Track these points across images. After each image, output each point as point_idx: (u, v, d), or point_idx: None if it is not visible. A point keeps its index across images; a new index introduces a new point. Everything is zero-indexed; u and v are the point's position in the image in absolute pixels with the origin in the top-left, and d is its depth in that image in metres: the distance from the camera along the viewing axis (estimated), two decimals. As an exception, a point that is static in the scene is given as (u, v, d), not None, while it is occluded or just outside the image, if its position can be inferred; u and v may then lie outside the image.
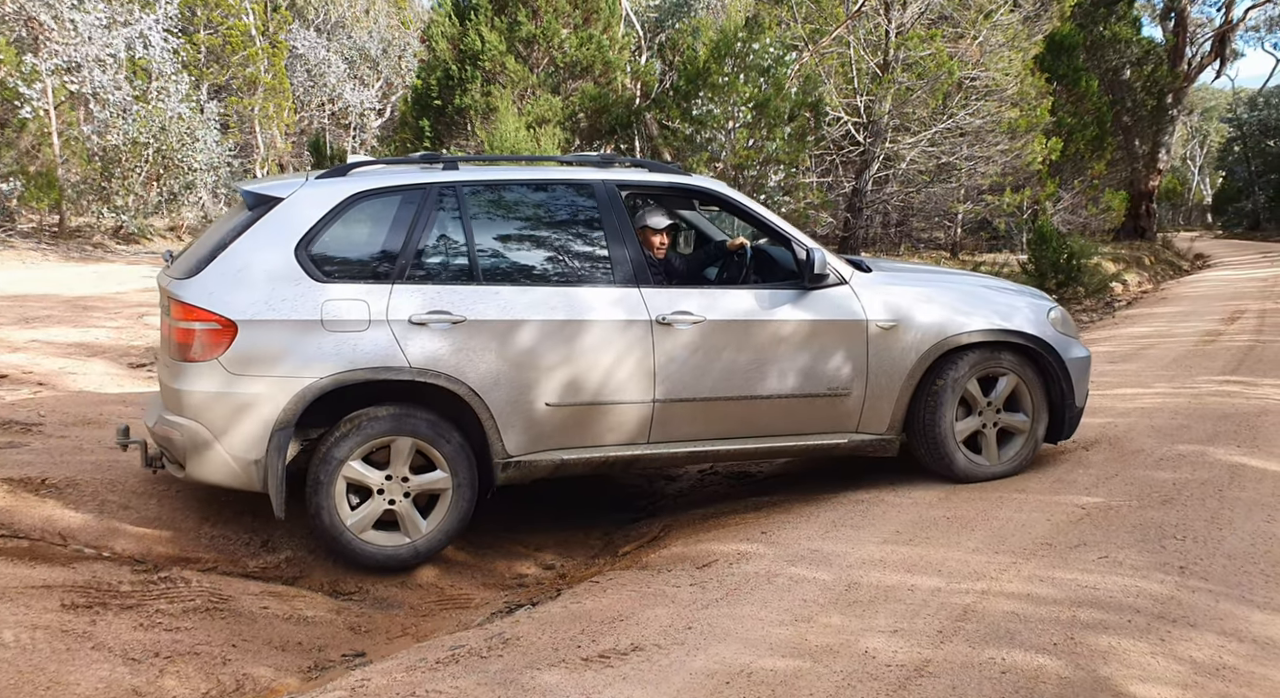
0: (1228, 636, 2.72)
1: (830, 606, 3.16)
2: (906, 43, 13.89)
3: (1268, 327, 9.36)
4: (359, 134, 23.47)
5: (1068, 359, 4.65)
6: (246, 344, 3.68)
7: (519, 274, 4.12)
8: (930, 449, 4.56)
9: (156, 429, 3.85)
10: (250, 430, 3.69)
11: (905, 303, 4.51)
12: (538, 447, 4.09)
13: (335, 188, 3.96)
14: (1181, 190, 47.42)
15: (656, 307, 4.19)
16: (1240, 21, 31.61)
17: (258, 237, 3.81)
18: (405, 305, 3.85)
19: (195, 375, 3.69)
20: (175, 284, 3.78)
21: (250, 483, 3.75)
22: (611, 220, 4.27)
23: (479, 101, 10.79)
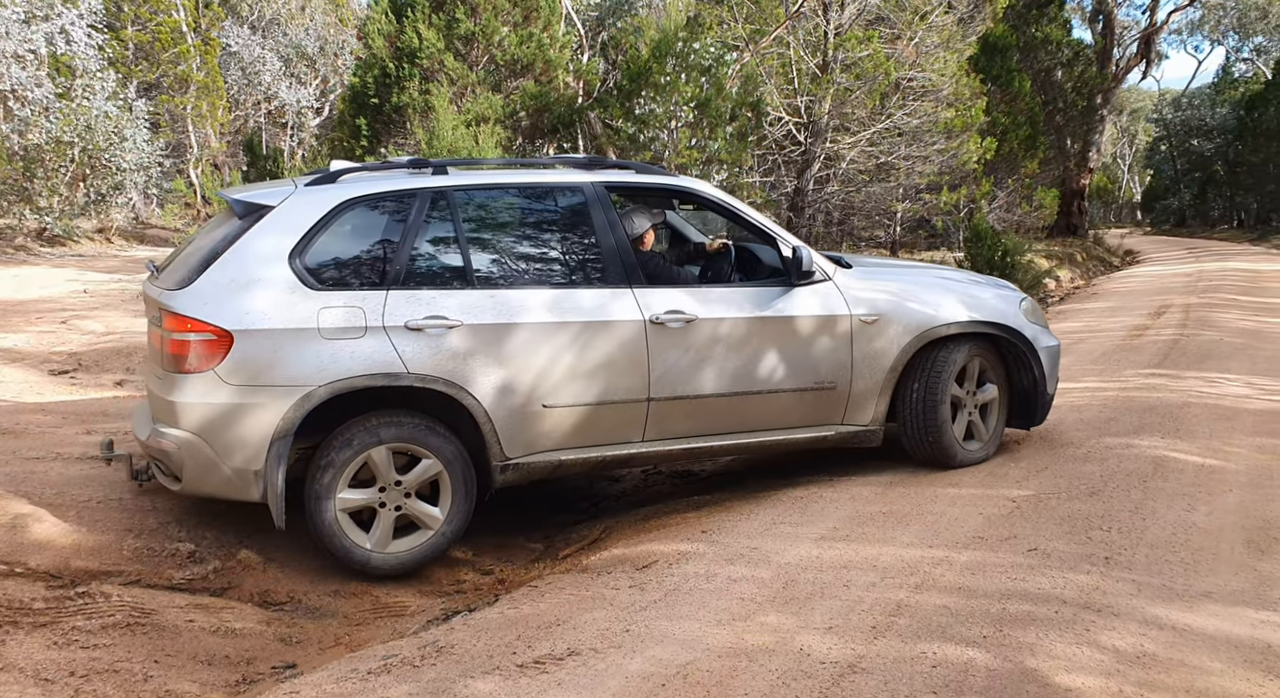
0: (1148, 624, 2.79)
1: (768, 604, 3.17)
2: (844, 44, 14.05)
3: (1191, 321, 9.67)
4: (297, 133, 23.01)
5: (1040, 348, 4.79)
6: (243, 354, 3.64)
7: (513, 277, 4.12)
8: (927, 439, 4.66)
9: (150, 442, 3.76)
10: (249, 441, 3.66)
11: (885, 298, 4.63)
12: (535, 449, 4.11)
13: (326, 195, 3.93)
14: (1112, 188, 48.87)
15: (650, 306, 4.25)
16: (1164, 24, 32.69)
17: (250, 245, 3.77)
18: (401, 311, 3.84)
19: (191, 387, 3.64)
20: (167, 295, 3.72)
21: (248, 494, 3.72)
22: (602, 222, 4.30)
23: (417, 100, 10.64)
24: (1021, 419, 4.94)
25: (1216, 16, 42.22)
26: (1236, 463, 4.38)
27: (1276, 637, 2.69)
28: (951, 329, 4.63)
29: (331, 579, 3.95)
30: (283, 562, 4.00)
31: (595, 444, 4.24)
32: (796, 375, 4.50)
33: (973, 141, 15.32)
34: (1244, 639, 2.68)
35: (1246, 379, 6.40)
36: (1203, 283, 13.84)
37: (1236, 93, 37.77)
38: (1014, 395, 4.92)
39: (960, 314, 4.67)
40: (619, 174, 4.60)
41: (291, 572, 3.95)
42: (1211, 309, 10.60)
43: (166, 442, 3.69)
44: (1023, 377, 4.86)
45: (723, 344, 4.36)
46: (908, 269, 5.33)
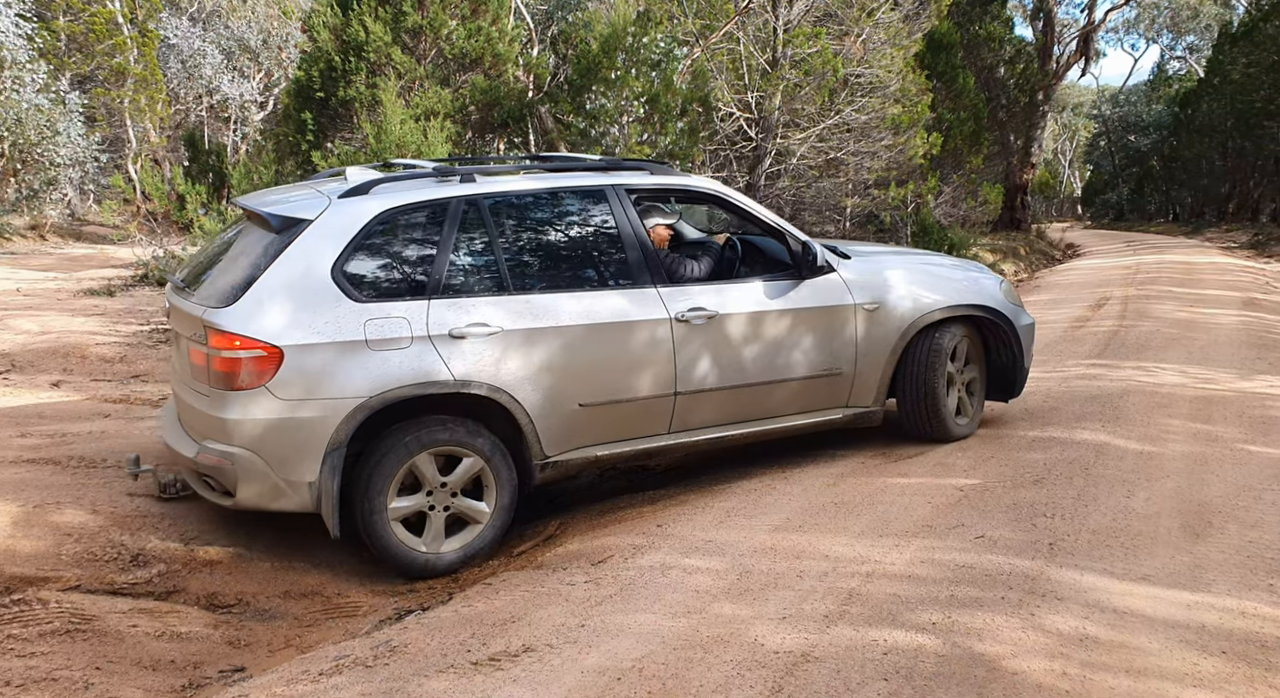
0: (1091, 607, 2.86)
1: (722, 596, 3.19)
2: (793, 40, 14.15)
3: (1130, 313, 9.94)
4: (240, 127, 22.51)
5: (1019, 326, 5.16)
6: (294, 369, 3.68)
7: (546, 281, 4.24)
8: (927, 416, 4.98)
9: (201, 459, 3.78)
10: (303, 455, 3.71)
11: (884, 285, 4.90)
12: (571, 445, 4.26)
13: (363, 206, 3.97)
14: (1054, 183, 50.00)
15: (674, 304, 4.42)
16: (1102, 23, 33.51)
17: (293, 260, 3.79)
18: (443, 319, 3.93)
19: (243, 404, 3.67)
20: (213, 313, 3.71)
21: (304, 505, 3.78)
22: (625, 224, 4.45)
23: (364, 94, 10.46)
24: (1003, 393, 5.31)
25: (1151, 15, 43.41)
26: (1173, 449, 4.52)
27: (1210, 617, 2.78)
28: (945, 313, 4.93)
29: (281, 581, 3.89)
30: (231, 564, 3.92)
31: (626, 438, 4.41)
32: (808, 363, 4.74)
33: (919, 137, 15.55)
34: (1180, 620, 2.77)
35: (1181, 368, 6.59)
36: (1140, 275, 14.23)
37: (1171, 90, 38.87)
38: (994, 371, 5.27)
39: (952, 298, 4.99)
40: (636, 176, 4.69)
41: (240, 574, 3.88)
42: (1148, 301, 10.91)
43: (220, 459, 3.71)
44: (1002, 353, 5.21)
45: (741, 337, 4.57)
46: (898, 256, 5.58)
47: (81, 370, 6.68)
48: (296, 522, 4.41)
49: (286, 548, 4.16)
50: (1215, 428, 4.90)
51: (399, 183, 4.20)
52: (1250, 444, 4.58)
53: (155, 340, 7.64)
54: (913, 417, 5.03)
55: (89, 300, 9.32)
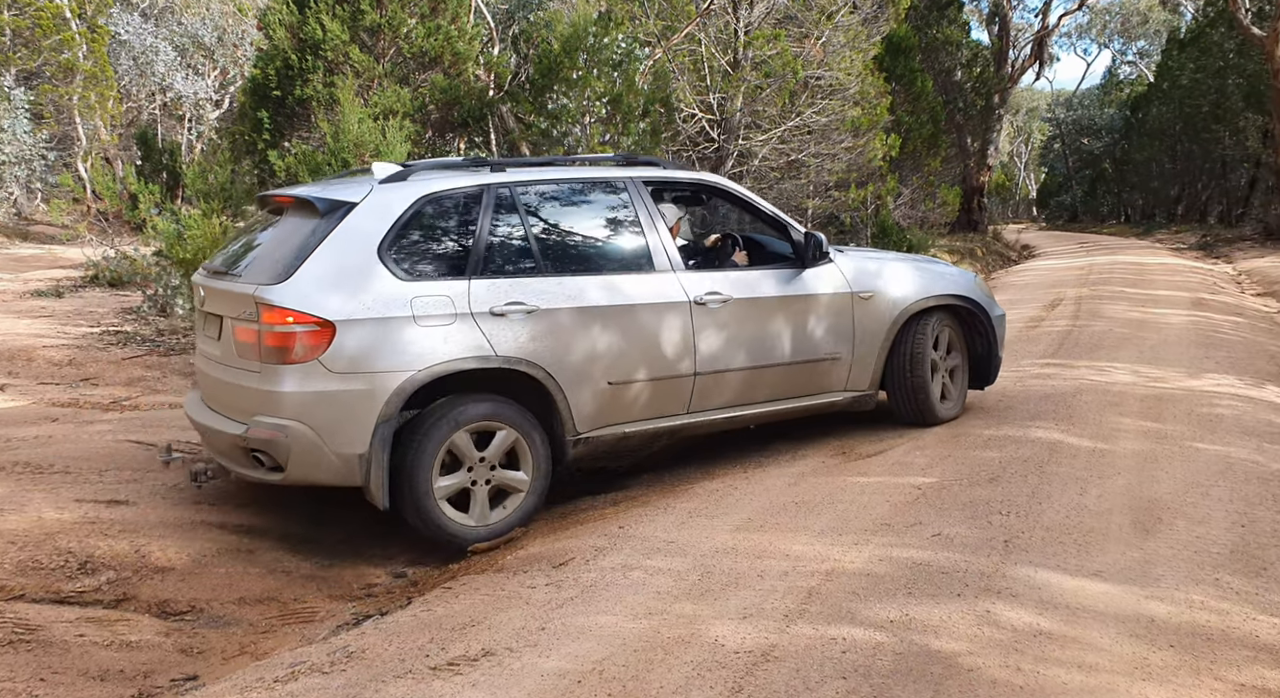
0: (1044, 604, 2.91)
1: (684, 596, 3.20)
2: (754, 42, 14.23)
3: (1083, 313, 10.13)
4: (195, 126, 22.10)
5: (993, 316, 5.53)
6: (345, 343, 3.83)
7: (575, 265, 4.48)
8: (915, 401, 5.27)
9: (253, 434, 3.87)
10: (355, 426, 3.84)
11: (876, 276, 5.22)
12: (601, 423, 4.45)
13: (405, 191, 4.17)
14: (1009, 185, 50.80)
15: (692, 289, 4.67)
16: (1055, 27, 34.12)
17: (341, 240, 3.96)
18: (485, 298, 4.11)
19: (296, 377, 3.80)
20: (264, 290, 3.85)
21: (352, 479, 3.92)
22: (645, 212, 4.71)
23: (321, 93, 10.31)
24: (979, 381, 5.64)
25: (1103, 21, 44.36)
26: (1124, 447, 4.61)
27: (1159, 610, 2.84)
28: (929, 302, 5.26)
29: (236, 586, 3.82)
30: (184, 570, 3.85)
31: (650, 417, 4.62)
32: (811, 347, 5.02)
33: (878, 140, 15.72)
34: (1131, 615, 2.82)
35: (1133, 367, 6.73)
36: (1093, 276, 14.51)
37: (1122, 94, 39.71)
38: (972, 360, 5.58)
39: (935, 288, 5.33)
40: (650, 170, 4.97)
41: (193, 580, 3.81)
42: (1101, 301, 11.12)
43: (273, 431, 3.82)
44: (978, 343, 5.56)
45: (753, 321, 4.84)
46: (882, 253, 6.00)
47: (28, 374, 6.52)
48: (256, 525, 4.34)
49: (242, 554, 4.09)
50: (1165, 426, 5.01)
51: (434, 171, 4.46)
52: (1198, 441, 4.69)
53: (106, 343, 7.48)
54: (902, 402, 5.29)
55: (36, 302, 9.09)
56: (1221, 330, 8.76)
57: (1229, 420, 5.11)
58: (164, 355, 7.43)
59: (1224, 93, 25.74)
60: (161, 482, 4.63)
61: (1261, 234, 20.83)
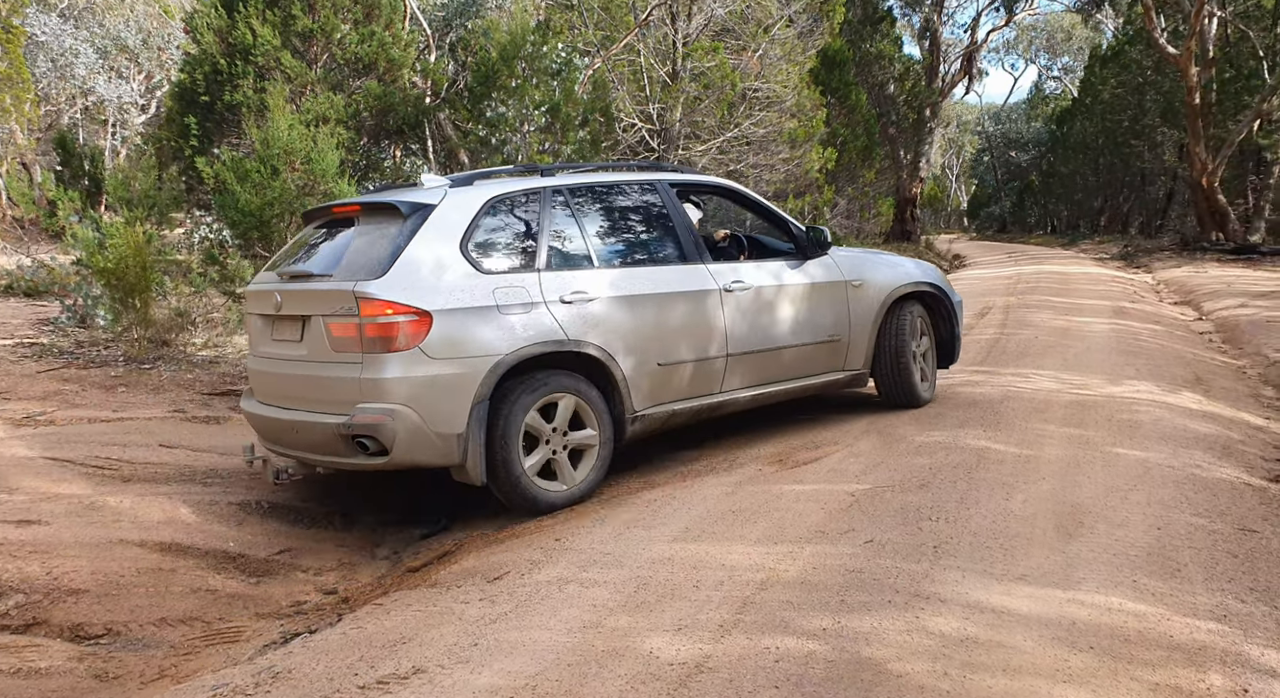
0: (971, 608, 2.96)
1: (619, 609, 3.18)
2: (692, 53, 14.35)
3: (1010, 321, 10.40)
4: (119, 131, 21.41)
5: (954, 302, 6.21)
6: (442, 331, 4.18)
7: (622, 257, 4.95)
8: (899, 381, 5.87)
9: (359, 420, 4.13)
10: (454, 408, 4.19)
11: (862, 266, 5.83)
12: (652, 402, 4.88)
13: (475, 193, 4.60)
14: (941, 196, 52.07)
15: (721, 278, 5.17)
16: (984, 43, 35.13)
17: (428, 238, 4.32)
18: (553, 288, 4.54)
19: (399, 364, 4.13)
20: (364, 285, 4.16)
21: (451, 458, 4.25)
22: (675, 210, 5.23)
23: (252, 98, 10.07)
24: (943, 360, 6.30)
25: (1029, 37, 45.82)
26: (1048, 453, 4.74)
27: (1081, 614, 2.91)
28: (907, 289, 5.90)
29: (156, 607, 3.70)
30: (100, 591, 3.70)
31: (692, 396, 5.07)
32: (817, 329, 5.56)
33: (815, 151, 15.96)
34: (1053, 618, 2.89)
35: (1057, 374, 6.93)
36: (1021, 285, 14.90)
37: (1048, 109, 41.05)
38: (938, 342, 6.21)
39: (913, 276, 6.00)
40: (673, 174, 5.54)
41: (110, 601, 3.67)
42: (1028, 310, 11.44)
43: (379, 416, 4.11)
44: (942, 327, 6.21)
45: (770, 306, 5.35)
46: (855, 249, 6.59)
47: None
48: (180, 543, 4.20)
49: (164, 573, 3.95)
50: (1087, 432, 5.16)
51: (494, 177, 4.95)
52: (1118, 447, 4.84)
53: (20, 355, 7.19)
54: (886, 381, 5.90)
55: (-53, 313, 8.70)
56: (1141, 338, 9.07)
57: (1147, 426, 5.28)
58: (83, 368, 7.17)
59: (1143, 108, 26.79)
60: (78, 500, 4.46)
61: (1178, 245, 21.68)
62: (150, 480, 5.02)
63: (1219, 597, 3.04)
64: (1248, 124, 19.99)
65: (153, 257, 7.93)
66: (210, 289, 7.97)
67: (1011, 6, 35.51)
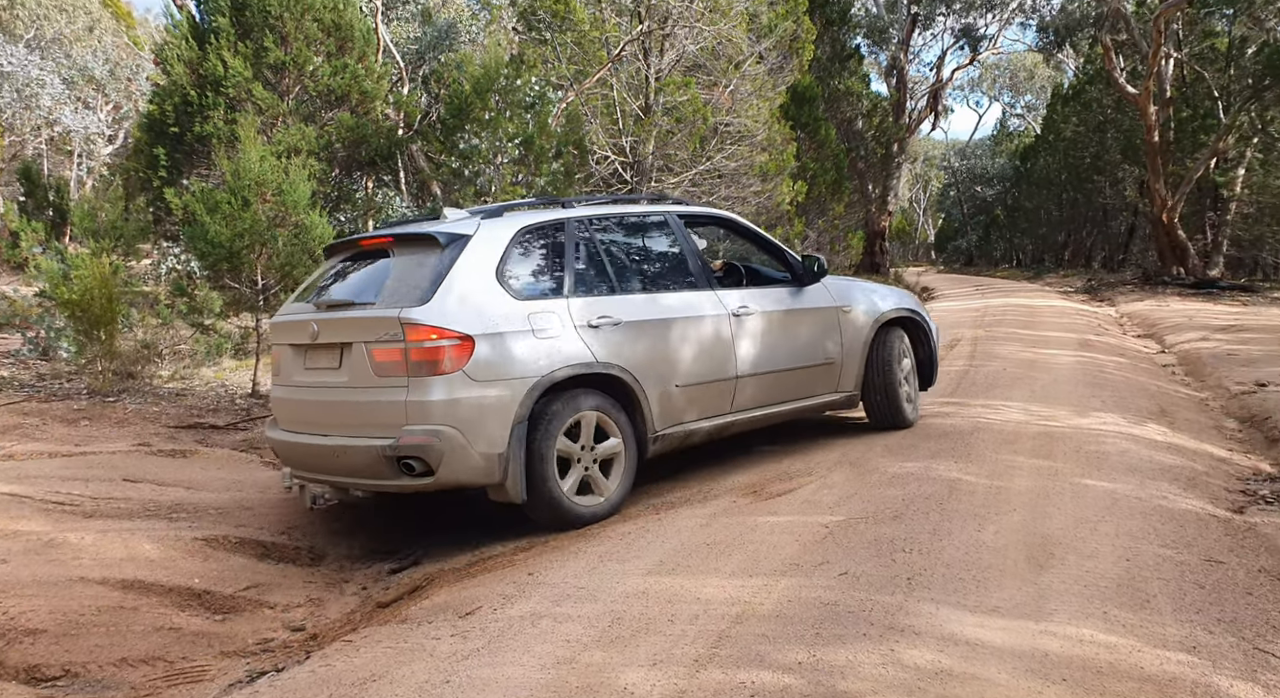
0: (945, 640, 2.97)
1: (593, 644, 3.15)
2: (665, 88, 14.53)
3: (979, 353, 10.52)
4: (85, 161, 21.20)
5: (930, 329, 6.60)
6: (483, 355, 4.37)
7: (640, 283, 5.23)
8: (887, 403, 6.16)
9: (406, 441, 4.27)
10: (496, 428, 4.37)
11: (850, 294, 6.17)
12: (671, 422, 5.09)
13: (506, 224, 4.82)
14: (909, 230, 52.85)
15: (729, 303, 5.44)
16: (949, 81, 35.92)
17: (466, 267, 4.52)
18: (581, 313, 4.75)
19: (444, 386, 4.29)
20: (409, 311, 4.33)
21: (492, 477, 4.41)
22: (686, 240, 5.51)
23: (222, 130, 10.03)
24: (923, 383, 6.65)
25: (993, 75, 46.92)
26: (1018, 484, 4.78)
27: (1053, 645, 2.92)
28: (891, 314, 6.27)
29: (117, 647, 3.60)
30: (58, 631, 3.60)
31: (706, 416, 5.29)
32: (814, 352, 5.85)
33: (785, 185, 16.16)
34: (1026, 650, 2.90)
35: (1025, 406, 7.00)
36: (988, 318, 15.10)
37: (1012, 145, 41.90)
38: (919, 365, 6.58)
39: (896, 304, 6.39)
40: (679, 207, 5.78)
41: (69, 642, 3.57)
42: (996, 342, 11.58)
43: (426, 437, 4.26)
44: (921, 351, 6.58)
45: (773, 330, 5.63)
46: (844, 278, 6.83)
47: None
48: (142, 580, 4.10)
49: (125, 611, 3.86)
50: (1056, 464, 5.21)
51: (519, 209, 5.21)
52: (1086, 478, 4.89)
53: (-19, 387, 7.04)
54: (875, 404, 6.19)
55: (-96, 344, 8.51)
56: (1106, 371, 9.21)
57: (1114, 458, 5.35)
58: (44, 401, 7.03)
59: (1104, 146, 27.44)
60: (36, 537, 4.35)
61: (1140, 279, 22.12)
62: (112, 516, 4.91)
63: (1188, 628, 3.06)
64: (1204, 162, 20.54)
65: (119, 288, 7.83)
66: (178, 321, 7.87)
67: (975, 46, 36.37)
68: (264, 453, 6.54)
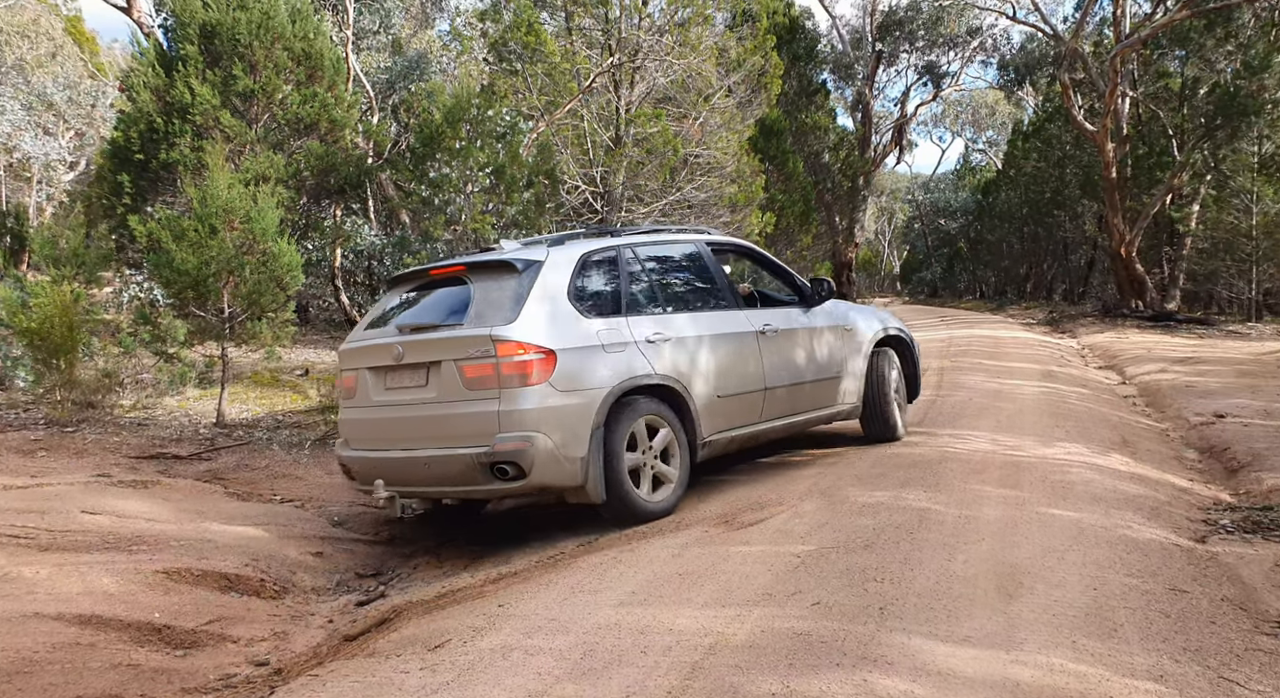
0: (918, 670, 2.97)
1: (565, 676, 3.11)
2: (635, 120, 14.67)
3: (945, 383, 10.63)
4: (45, 188, 20.89)
5: (914, 347, 7.29)
6: (565, 367, 4.83)
7: (683, 303, 5.77)
8: (880, 418, 6.78)
9: (501, 447, 4.69)
10: (579, 433, 4.81)
11: (849, 315, 6.80)
12: (715, 429, 5.57)
13: (570, 250, 5.32)
14: (875, 261, 53.57)
15: (755, 322, 6.02)
16: (913, 116, 36.65)
17: (543, 289, 5.00)
18: (640, 330, 5.27)
19: (534, 396, 4.73)
20: (500, 329, 4.78)
21: (575, 479, 4.84)
22: (714, 265, 6.11)
23: (189, 157, 9.95)
24: (908, 395, 7.27)
25: (955, 111, 47.95)
26: (986, 514, 4.81)
27: (1024, 675, 2.94)
28: (883, 334, 6.93)
29: (71, 686, 3.49)
30: (11, 670, 3.49)
31: (742, 425, 5.79)
32: (825, 367, 6.45)
33: (755, 216, 16.33)
34: (997, 680, 2.91)
35: (991, 436, 7.08)
36: (954, 348, 15.27)
37: (974, 179, 42.69)
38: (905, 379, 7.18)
39: (886, 324, 7.05)
40: (706, 235, 6.39)
41: (21, 680, 3.46)
42: (961, 372, 11.71)
43: (520, 442, 4.68)
44: (906, 367, 7.21)
45: (791, 346, 6.22)
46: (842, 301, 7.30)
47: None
48: (100, 615, 4.00)
49: (81, 648, 3.75)
50: (1022, 493, 5.27)
51: (576, 238, 5.67)
52: (1053, 508, 4.94)
53: (-66, 416, 6.86)
54: (870, 418, 6.79)
55: None
56: (1069, 401, 9.35)
57: (1079, 487, 5.41)
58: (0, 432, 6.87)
59: (1063, 181, 28.05)
60: None
61: (1100, 311, 22.55)
62: (69, 549, 4.79)
63: (1155, 657, 3.09)
64: (1160, 198, 21.09)
65: (80, 316, 7.70)
66: (141, 349, 7.74)
67: (938, 82, 37.22)
68: (229, 483, 6.43)
